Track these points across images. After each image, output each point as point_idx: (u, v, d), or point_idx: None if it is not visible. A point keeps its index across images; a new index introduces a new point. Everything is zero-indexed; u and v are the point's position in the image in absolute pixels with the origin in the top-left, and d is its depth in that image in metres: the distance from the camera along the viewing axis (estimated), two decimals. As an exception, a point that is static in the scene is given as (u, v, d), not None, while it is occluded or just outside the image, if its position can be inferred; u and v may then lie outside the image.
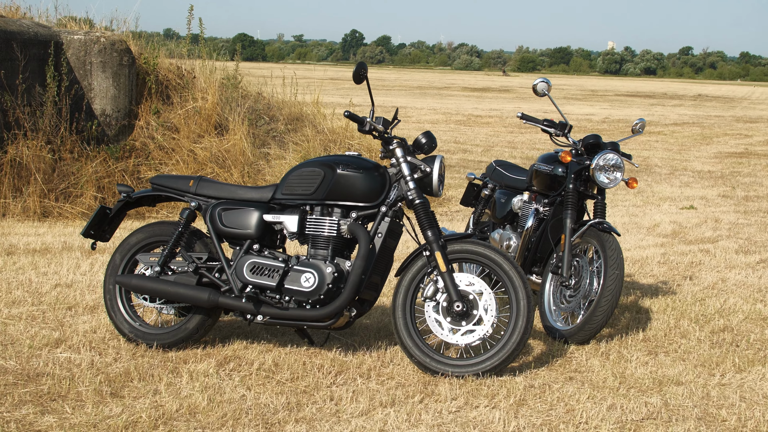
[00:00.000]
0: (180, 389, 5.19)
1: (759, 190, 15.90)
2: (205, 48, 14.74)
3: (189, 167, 12.40)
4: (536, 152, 21.04)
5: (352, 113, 5.69)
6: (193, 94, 13.24)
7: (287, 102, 15.10)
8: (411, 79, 67.15)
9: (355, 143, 14.96)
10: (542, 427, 4.82)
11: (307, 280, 5.61)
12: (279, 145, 13.88)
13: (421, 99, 42.21)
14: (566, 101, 45.53)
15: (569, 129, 6.88)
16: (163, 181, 6.11)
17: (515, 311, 5.52)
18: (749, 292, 7.97)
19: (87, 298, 7.06)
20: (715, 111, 41.83)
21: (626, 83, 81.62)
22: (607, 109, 39.60)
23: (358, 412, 4.92)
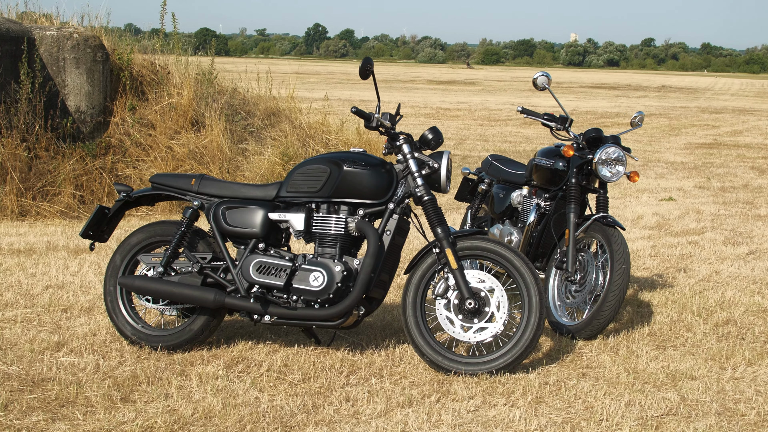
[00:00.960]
0: (191, 392, 5.08)
1: (734, 181, 15.97)
2: (179, 43, 14.57)
3: (168, 164, 12.24)
4: (508, 145, 21.07)
5: (359, 110, 5.60)
6: (168, 90, 13.07)
7: (263, 97, 14.99)
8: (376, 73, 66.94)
9: (332, 138, 14.88)
10: (563, 425, 4.76)
11: (315, 279, 5.51)
12: (256, 140, 13.75)
13: (388, 92, 42.05)
14: (531, 93, 45.69)
15: (570, 123, 6.83)
16: (164, 179, 5.99)
17: (527, 308, 5.46)
18: (745, 284, 7.98)
19: (81, 299, 6.92)
20: (679, 102, 42.10)
21: (590, 75, 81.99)
22: (573, 101, 39.73)
23: (376, 414, 4.85)
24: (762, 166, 18.20)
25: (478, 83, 56.28)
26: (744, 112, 35.63)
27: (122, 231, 9.33)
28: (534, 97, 42.68)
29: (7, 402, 4.88)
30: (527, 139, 22.67)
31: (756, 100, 46.47)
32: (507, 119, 28.84)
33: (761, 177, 16.55)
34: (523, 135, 23.90)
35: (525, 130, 25.19)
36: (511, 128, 25.84)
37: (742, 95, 51.56)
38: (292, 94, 15.59)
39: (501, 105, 35.81)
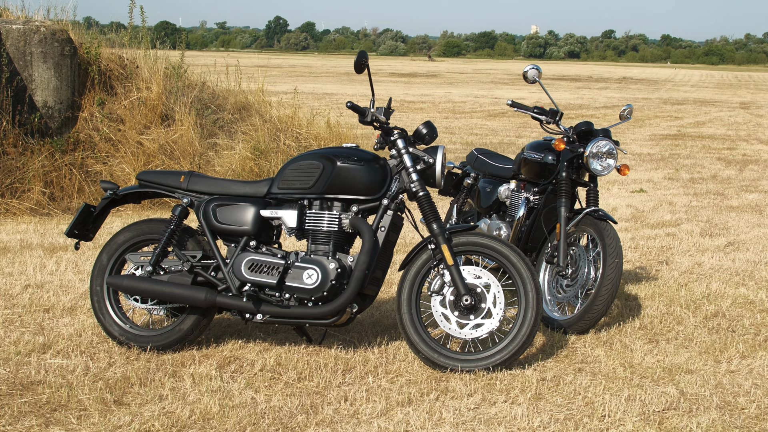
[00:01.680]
0: (186, 394, 4.99)
1: (702, 172, 16.06)
2: (147, 37, 14.39)
3: (138, 160, 12.08)
4: (474, 137, 21.06)
5: (354, 104, 5.52)
6: (137, 84, 12.89)
7: (232, 91, 14.84)
8: (338, 66, 66.75)
9: (303, 132, 14.77)
10: (566, 421, 4.72)
11: (309, 277, 5.43)
12: (227, 134, 13.62)
13: (350, 85, 41.98)
14: (494, 86, 45.79)
15: (560, 116, 6.78)
16: (151, 177, 5.87)
17: (524, 303, 5.42)
18: (728, 275, 7.99)
19: (62, 299, 6.78)
20: (641, 93, 42.35)
21: (551, 67, 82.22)
22: (536, 93, 39.81)
23: (376, 413, 4.78)
24: (728, 157, 18.32)
25: (441, 75, 56.30)
26: (705, 104, 35.90)
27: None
28: (496, 89, 42.81)
29: (-2, 407, 4.76)
30: (493, 132, 22.68)
31: (716, 91, 46.86)
32: (471, 111, 28.86)
33: (728, 168, 16.65)
34: (488, 127, 23.91)
35: (490, 123, 25.21)
36: (476, 120, 25.85)
37: (702, 86, 51.99)
38: (261, 87, 15.46)
39: (464, 97, 35.82)
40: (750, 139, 22.41)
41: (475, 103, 32.35)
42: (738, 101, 38.24)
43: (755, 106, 35.38)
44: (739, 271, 8.18)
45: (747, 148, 20.28)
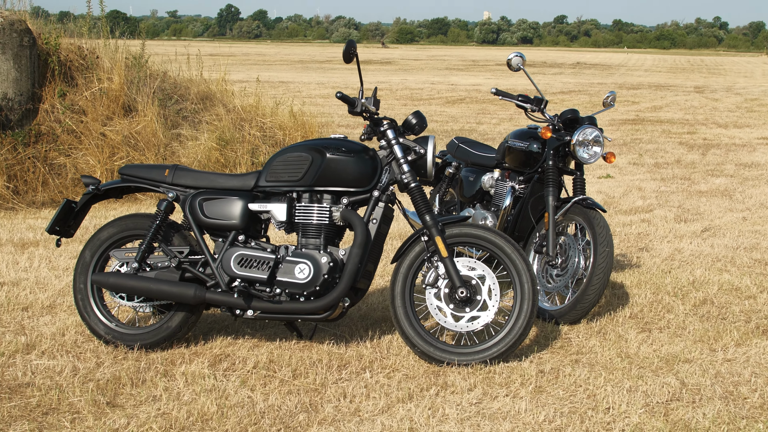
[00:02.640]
0: (180, 394, 4.86)
1: (666, 157, 16.12)
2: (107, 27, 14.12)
3: (103, 152, 11.86)
4: (435, 125, 21.01)
5: (344, 95, 5.40)
6: (98, 74, 12.65)
7: (194, 80, 14.63)
8: (292, 53, 66.43)
9: (267, 121, 14.61)
10: (571, 415, 4.66)
11: (301, 272, 5.31)
12: (191, 125, 13.42)
13: (305, 73, 41.80)
14: (449, 72, 45.80)
15: (545, 104, 6.71)
16: (134, 171, 5.71)
17: (519, 295, 5.34)
18: (709, 261, 7.99)
19: (40, 297, 6.61)
20: (595, 78, 42.55)
21: (505, 52, 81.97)
22: (492, 79, 39.92)
23: (378, 410, 4.68)
24: (689, 142, 18.42)
25: (395, 62, 56.21)
26: (660, 88, 36.15)
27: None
28: (452, 75, 42.81)
29: (-13, 412, 4.60)
30: (453, 118, 22.65)
31: (669, 76, 47.23)
32: (429, 98, 28.80)
33: (691, 152, 16.73)
34: (448, 114, 23.88)
35: (449, 109, 25.18)
36: (435, 107, 25.79)
37: (656, 71, 52.37)
38: (223, 77, 15.27)
39: (421, 84, 35.75)
40: (708, 123, 22.55)
41: (432, 90, 32.30)
42: (692, 85, 38.56)
43: (709, 90, 35.69)
44: (720, 256, 8.18)
45: (707, 132, 20.41)
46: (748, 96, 32.14)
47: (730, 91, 34.73)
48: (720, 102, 29.41)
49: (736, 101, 29.75)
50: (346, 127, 19.98)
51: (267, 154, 13.27)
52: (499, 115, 23.44)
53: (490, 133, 19.37)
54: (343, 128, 19.55)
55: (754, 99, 30.70)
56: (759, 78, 46.44)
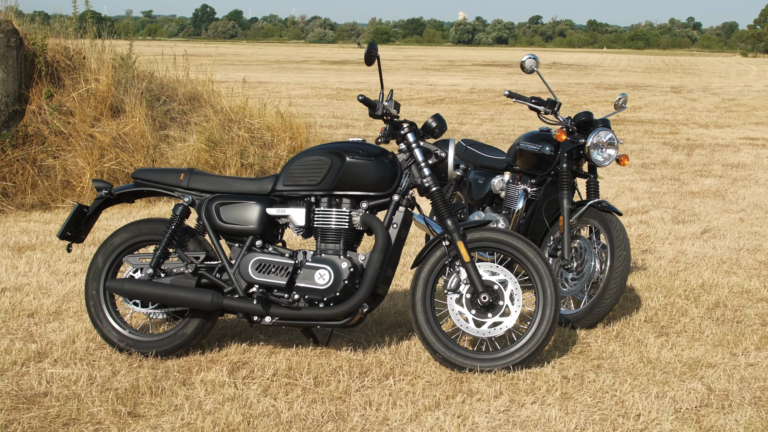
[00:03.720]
0: (202, 403, 4.76)
1: (652, 157, 16.13)
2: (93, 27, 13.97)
3: (93, 153, 11.71)
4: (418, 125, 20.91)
5: (366, 98, 5.33)
6: (85, 75, 12.50)
7: (181, 81, 14.50)
8: (268, 54, 66.19)
9: (255, 122, 14.50)
10: (602, 422, 4.60)
11: (321, 277, 5.22)
12: (179, 126, 13.29)
13: (282, 73, 41.66)
14: (426, 72, 45.78)
15: (558, 107, 6.66)
16: (148, 175, 5.61)
17: (542, 300, 5.28)
18: (715, 264, 7.97)
19: (45, 302, 6.48)
20: (572, 78, 42.65)
21: (481, 53, 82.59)
22: (469, 80, 39.93)
23: (406, 418, 4.61)
24: (673, 142, 18.45)
25: (372, 62, 56.06)
26: (638, 88, 36.27)
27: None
28: (429, 75, 42.78)
29: (6, 423, 4.49)
30: (436, 119, 22.52)
31: (645, 76, 47.42)
32: (409, 98, 28.73)
33: (676, 152, 16.76)
34: (429, 114, 23.77)
35: (431, 110, 25.14)
36: (416, 107, 25.73)
37: (631, 71, 52.58)
38: (210, 77, 15.15)
39: (400, 84, 35.68)
40: (689, 123, 22.62)
41: (411, 90, 32.25)
42: (668, 85, 38.73)
43: (686, 90, 35.85)
44: (724, 258, 8.16)
45: (689, 132, 20.46)
46: (725, 96, 32.29)
47: (707, 91, 34.90)
48: (698, 102, 29.53)
49: (714, 101, 29.88)
50: (329, 128, 19.90)
51: (256, 155, 13.18)
52: (481, 116, 23.41)
53: (473, 133, 19.33)
54: (326, 128, 19.45)
55: (732, 99, 30.84)
56: (734, 78, 46.71)
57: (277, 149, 13.97)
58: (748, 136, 19.62)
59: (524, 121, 22.44)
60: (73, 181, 11.37)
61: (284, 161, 13.55)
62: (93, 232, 8.82)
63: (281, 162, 13.40)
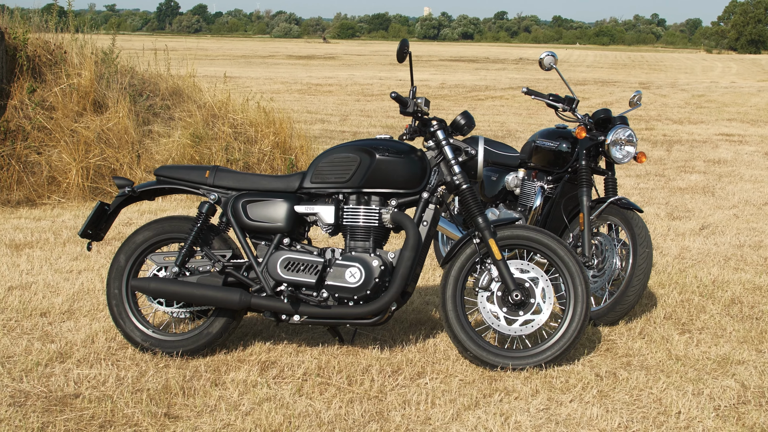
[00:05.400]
0: (237, 403, 4.68)
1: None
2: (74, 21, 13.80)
3: (78, 149, 11.55)
4: (392, 120, 20.91)
5: (398, 95, 5.27)
6: (67, 70, 12.33)
7: (163, 76, 14.35)
8: (234, 48, 65.86)
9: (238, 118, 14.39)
10: (644, 421, 4.58)
11: (352, 276, 5.16)
12: (162, 122, 13.15)
13: (249, 68, 41.45)
14: (393, 68, 45.72)
15: (576, 104, 6.63)
16: (172, 172, 5.51)
17: (573, 297, 5.25)
18: (721, 260, 7.99)
19: (54, 301, 6.37)
20: (539, 74, 42.74)
21: (447, 48, 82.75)
22: (438, 75, 39.92)
23: (448, 418, 4.56)
24: (650, 138, 18.55)
25: (338, 58, 55.99)
26: (606, 84, 36.45)
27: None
28: (397, 71, 42.73)
29: (42, 426, 4.39)
30: (410, 114, 22.47)
31: (611, 72, 47.69)
32: (381, 94, 28.69)
33: (656, 148, 16.83)
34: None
35: (405, 105, 25.01)
36: (389, 103, 25.67)
37: (598, 67, 52.84)
38: (192, 72, 15.00)
39: (370, 79, 35.64)
40: (662, 119, 22.76)
41: (382, 86, 32.19)
42: (636, 81, 38.95)
43: (654, 85, 36.08)
44: (729, 255, 8.19)
45: (664, 128, 20.58)
46: (694, 92, 32.54)
47: (676, 87, 35.16)
48: (668, 98, 29.73)
49: (684, 97, 30.10)
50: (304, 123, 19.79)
51: (240, 151, 13.07)
52: (455, 111, 23.39)
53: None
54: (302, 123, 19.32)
55: (701, 95, 31.08)
56: (699, 74, 47.11)
57: (260, 144, 13.85)
58: (723, 132, 19.77)
59: (498, 117, 22.50)
60: (59, 177, 11.23)
61: (268, 156, 13.50)
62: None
63: (265, 158, 13.33)
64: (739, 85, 37.86)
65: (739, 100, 29.20)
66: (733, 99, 29.47)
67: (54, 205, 10.37)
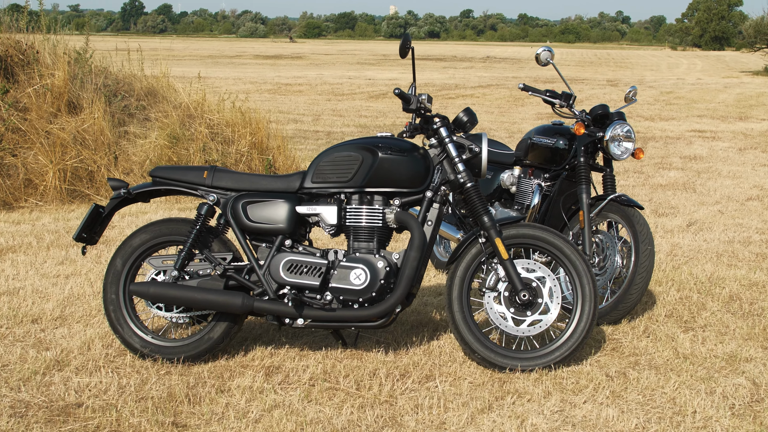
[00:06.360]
0: (246, 411, 4.57)
1: (607, 150, 16.16)
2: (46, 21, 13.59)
3: (54, 151, 11.36)
4: (366, 119, 20.82)
5: (402, 92, 5.16)
6: (40, 70, 12.13)
7: (137, 76, 14.16)
8: (200, 48, 65.47)
9: (214, 118, 14.23)
10: (661, 422, 4.52)
11: (357, 277, 5.05)
12: (139, 122, 12.97)
13: (216, 68, 41.17)
14: (362, 66, 45.64)
15: (573, 100, 6.57)
16: (168, 173, 5.38)
17: (581, 297, 5.18)
18: (713, 256, 7.96)
19: (45, 307, 6.22)
20: (508, 72, 42.85)
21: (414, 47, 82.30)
22: (406, 74, 39.80)
23: (463, 422, 4.47)
24: (624, 135, 18.51)
25: (306, 57, 55.78)
26: (574, 81, 36.52)
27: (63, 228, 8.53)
28: (365, 70, 42.65)
29: (46, 437, 4.25)
30: (382, 114, 22.44)
31: (579, 69, 47.84)
32: (351, 93, 28.59)
33: (631, 145, 16.80)
34: (376, 109, 23.68)
35: (376, 104, 24.98)
36: (360, 102, 25.59)
37: (564, 64, 52.96)
38: (166, 72, 14.84)
39: (339, 79, 35.51)
40: (633, 115, 22.79)
41: (351, 85, 32.09)
42: (604, 78, 39.07)
43: (622, 83, 36.18)
44: (720, 251, 8.17)
45: (636, 125, 20.59)
46: (662, 89, 32.68)
47: (643, 84, 35.29)
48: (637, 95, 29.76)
49: (653, 94, 30.21)
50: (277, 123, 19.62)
51: (218, 151, 12.92)
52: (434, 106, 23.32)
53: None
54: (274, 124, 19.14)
55: (669, 92, 31.22)
56: (665, 71, 47.36)
57: (237, 145, 13.70)
58: (696, 129, 19.83)
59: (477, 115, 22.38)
60: (36, 180, 11.04)
61: (246, 157, 13.36)
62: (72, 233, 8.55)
63: (243, 158, 13.19)
64: (705, 81, 38.10)
65: (707, 96, 29.35)
66: (701, 95, 29.63)
67: (32, 208, 10.19)
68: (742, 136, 18.31)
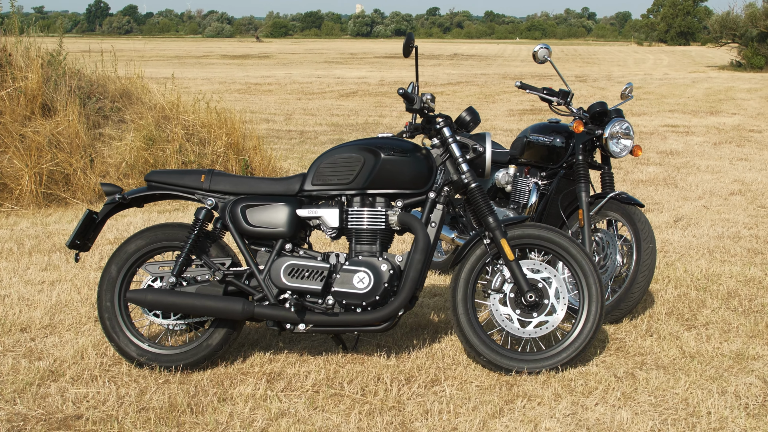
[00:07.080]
0: (251, 420, 4.45)
1: (583, 146, 16.13)
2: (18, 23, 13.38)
3: (31, 155, 11.15)
4: (338, 118, 20.69)
5: (406, 91, 5.05)
6: (13, 73, 11.92)
7: (111, 78, 13.97)
8: (167, 49, 64.96)
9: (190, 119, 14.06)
10: (676, 424, 4.44)
11: (361, 281, 4.94)
12: (114, 124, 12.79)
13: (184, 69, 40.83)
14: (330, 65, 45.46)
15: (571, 97, 6.49)
16: (164, 177, 5.24)
17: (587, 297, 5.10)
18: (705, 253, 7.92)
19: (33, 315, 6.06)
20: (476, 69, 42.82)
21: (381, 45, 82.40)
22: (375, 72, 39.76)
23: (475, 427, 4.37)
24: (599, 131, 18.52)
25: (273, 56, 55.50)
26: (543, 78, 36.54)
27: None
28: (333, 69, 42.48)
29: (47, 451, 4.11)
30: (354, 112, 22.32)
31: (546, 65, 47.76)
32: (321, 92, 28.44)
33: (606, 141, 16.80)
34: (347, 107, 23.55)
35: (347, 103, 24.85)
36: (331, 101, 25.45)
37: (531, 61, 53.05)
38: (140, 74, 14.68)
39: (308, 78, 35.32)
40: (606, 111, 22.80)
41: (321, 84, 31.93)
42: (572, 74, 39.13)
43: (591, 78, 36.28)
44: (711, 247, 8.13)
45: (609, 121, 20.59)
46: (631, 85, 32.73)
47: (612, 80, 35.38)
48: (607, 91, 29.89)
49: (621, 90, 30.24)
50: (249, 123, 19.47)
51: (194, 152, 12.76)
52: (399, 108, 23.24)
53: (397, 125, 19.09)
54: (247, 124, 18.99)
55: (638, 87, 31.28)
56: (632, 67, 47.52)
57: (213, 146, 13.55)
58: (668, 124, 19.86)
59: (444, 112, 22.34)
60: (11, 184, 10.84)
61: (222, 158, 13.20)
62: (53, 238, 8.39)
63: (219, 159, 13.04)
64: (672, 76, 38.24)
65: (675, 91, 29.45)
66: (669, 90, 29.72)
67: (8, 213, 10.00)
68: (715, 130, 18.35)
